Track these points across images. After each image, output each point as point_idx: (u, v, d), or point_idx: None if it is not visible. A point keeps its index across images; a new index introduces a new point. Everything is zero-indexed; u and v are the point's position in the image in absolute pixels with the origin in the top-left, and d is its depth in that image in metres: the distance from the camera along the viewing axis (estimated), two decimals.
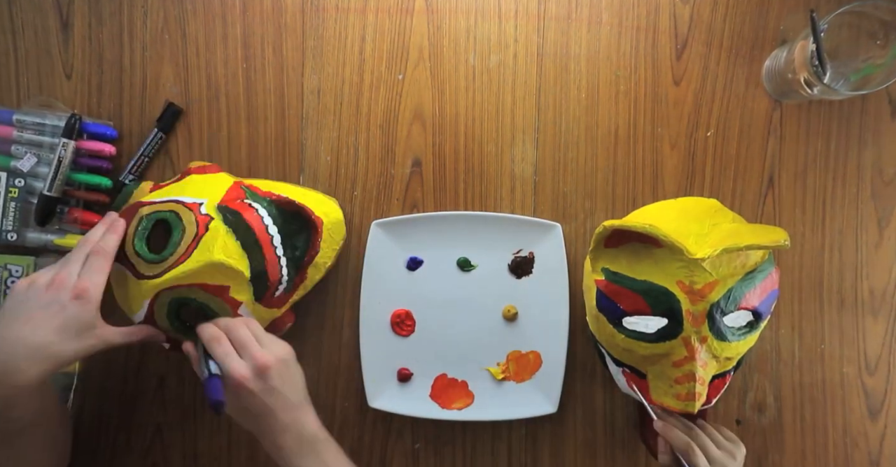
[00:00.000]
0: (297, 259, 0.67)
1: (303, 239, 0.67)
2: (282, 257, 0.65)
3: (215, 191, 0.65)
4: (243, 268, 0.61)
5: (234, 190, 0.66)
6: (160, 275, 0.59)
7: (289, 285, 0.67)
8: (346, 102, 0.74)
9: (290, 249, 0.66)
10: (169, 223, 0.61)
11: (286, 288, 0.66)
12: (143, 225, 0.62)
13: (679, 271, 0.60)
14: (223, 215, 0.62)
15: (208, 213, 0.62)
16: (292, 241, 0.67)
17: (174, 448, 0.75)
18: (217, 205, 0.63)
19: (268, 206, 0.65)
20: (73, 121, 0.69)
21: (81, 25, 0.73)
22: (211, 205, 0.63)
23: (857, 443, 0.74)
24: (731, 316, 0.60)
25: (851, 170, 0.74)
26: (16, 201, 0.69)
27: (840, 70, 0.68)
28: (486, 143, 0.74)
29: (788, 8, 0.73)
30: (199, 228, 0.60)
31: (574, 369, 0.74)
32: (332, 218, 0.69)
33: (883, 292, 0.74)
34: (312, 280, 0.69)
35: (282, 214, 0.66)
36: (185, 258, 0.59)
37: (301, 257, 0.67)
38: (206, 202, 0.63)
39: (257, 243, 0.62)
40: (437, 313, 0.74)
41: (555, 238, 0.72)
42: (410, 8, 0.74)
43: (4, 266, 0.69)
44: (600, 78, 0.74)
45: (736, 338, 0.61)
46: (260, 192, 0.67)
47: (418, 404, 0.73)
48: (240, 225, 0.62)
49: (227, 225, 0.62)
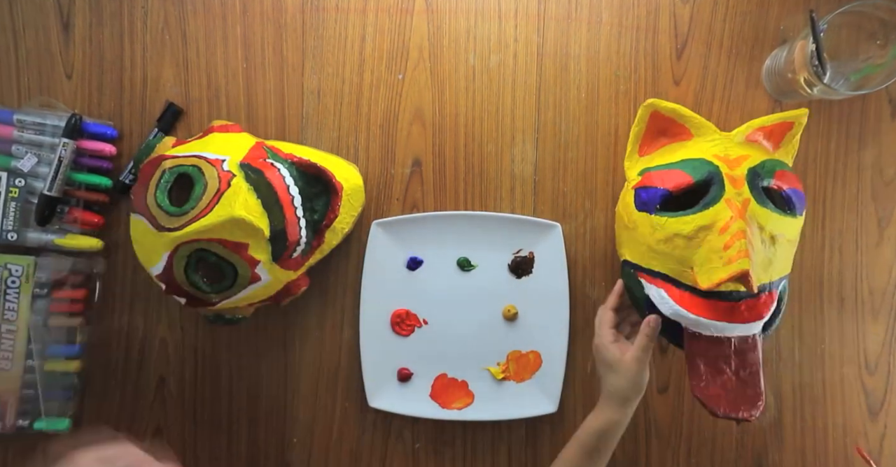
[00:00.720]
0: (315, 222, 0.67)
1: (322, 202, 0.67)
2: (301, 218, 0.65)
3: (238, 149, 0.65)
4: (263, 225, 0.61)
5: (256, 149, 0.66)
6: (181, 228, 0.59)
7: (306, 247, 0.67)
8: (346, 102, 0.74)
9: (310, 212, 0.67)
10: (191, 177, 0.61)
11: (303, 250, 0.67)
12: (166, 178, 0.62)
13: (714, 147, 0.66)
14: (245, 173, 0.62)
15: (230, 170, 0.62)
16: (312, 204, 0.67)
17: (174, 448, 0.74)
18: (239, 162, 0.63)
19: (289, 167, 0.66)
20: (74, 121, 0.69)
21: (82, 25, 0.73)
22: (233, 163, 0.63)
23: (857, 443, 0.74)
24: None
25: (851, 170, 0.74)
26: (16, 201, 0.69)
27: (840, 70, 0.68)
28: (486, 143, 0.75)
29: (788, 8, 0.73)
30: (222, 184, 0.60)
31: (574, 369, 0.74)
32: (353, 183, 0.69)
33: (883, 292, 0.74)
34: (329, 244, 0.69)
35: (303, 176, 0.66)
36: (206, 212, 0.59)
37: (320, 220, 0.67)
38: (228, 159, 0.63)
39: (278, 202, 0.63)
40: (437, 313, 0.74)
41: (555, 238, 0.72)
42: (410, 8, 0.74)
43: (5, 266, 0.69)
44: (600, 78, 0.74)
45: (774, 210, 0.61)
46: (282, 154, 0.67)
47: (418, 404, 0.73)
48: (261, 183, 0.62)
49: (248, 182, 0.62)
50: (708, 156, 0.64)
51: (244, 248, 0.61)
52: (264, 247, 0.63)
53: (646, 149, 0.71)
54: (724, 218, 0.59)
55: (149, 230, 0.62)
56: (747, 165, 0.63)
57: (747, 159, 0.63)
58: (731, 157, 0.64)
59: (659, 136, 0.70)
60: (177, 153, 0.64)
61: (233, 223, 0.59)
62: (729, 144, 0.66)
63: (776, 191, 0.63)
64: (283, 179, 0.64)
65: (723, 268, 0.58)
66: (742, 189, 0.61)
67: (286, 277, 0.67)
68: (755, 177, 0.62)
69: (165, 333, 0.75)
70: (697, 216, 0.61)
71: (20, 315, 0.69)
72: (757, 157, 0.64)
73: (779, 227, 0.61)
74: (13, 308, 0.69)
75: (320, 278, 0.74)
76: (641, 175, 0.67)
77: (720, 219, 0.60)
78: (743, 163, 0.63)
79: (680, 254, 0.62)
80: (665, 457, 0.74)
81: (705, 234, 0.60)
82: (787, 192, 0.63)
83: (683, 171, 0.64)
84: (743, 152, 0.65)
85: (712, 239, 0.60)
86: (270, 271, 0.64)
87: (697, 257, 0.61)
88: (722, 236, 0.59)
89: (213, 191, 0.60)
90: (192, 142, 0.67)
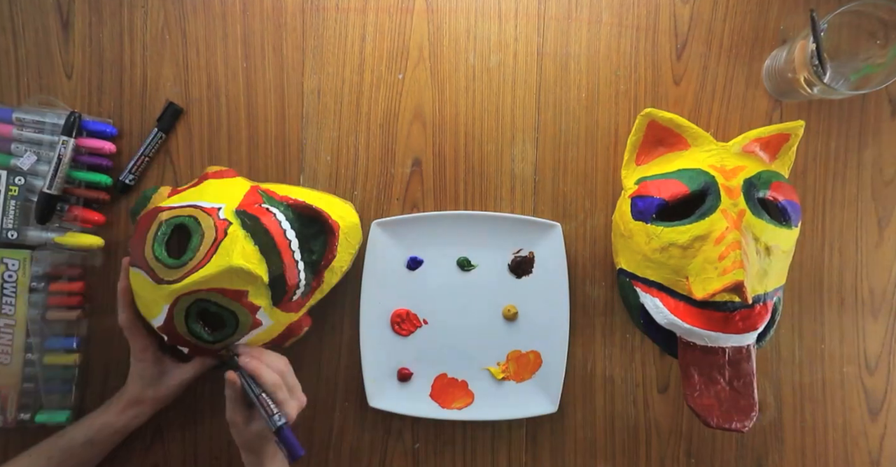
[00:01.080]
0: (314, 263, 0.67)
1: (319, 243, 0.67)
2: (299, 262, 0.64)
3: (233, 196, 0.65)
4: (262, 272, 0.61)
5: (251, 194, 0.66)
6: (180, 281, 0.59)
7: (306, 289, 0.67)
8: (346, 102, 0.74)
9: (307, 253, 0.66)
10: (188, 228, 0.61)
11: (303, 292, 0.66)
12: (163, 230, 0.62)
13: (710, 158, 0.66)
14: (241, 220, 0.62)
15: (226, 218, 0.62)
16: (309, 245, 0.66)
17: (174, 448, 0.74)
18: (235, 209, 0.63)
19: (284, 210, 0.65)
20: (73, 119, 0.69)
21: (82, 25, 0.73)
22: (229, 210, 0.63)
23: (857, 443, 0.74)
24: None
25: (851, 169, 0.74)
26: (16, 199, 0.69)
27: (840, 69, 0.68)
28: (486, 143, 0.75)
29: (788, 8, 0.73)
30: (218, 233, 0.60)
31: (574, 369, 0.74)
32: (349, 221, 0.69)
33: (883, 292, 0.74)
34: (329, 284, 0.69)
35: (299, 218, 0.66)
36: (204, 263, 0.59)
37: (318, 261, 0.67)
38: (224, 207, 0.63)
39: (275, 248, 0.62)
40: (437, 313, 0.74)
41: (555, 237, 0.72)
42: (410, 8, 0.74)
43: (1, 260, 0.69)
44: (600, 78, 0.74)
45: (770, 221, 0.61)
46: (276, 197, 0.67)
47: (418, 404, 0.73)
48: (258, 229, 0.62)
49: (245, 230, 0.61)
50: (704, 166, 0.64)
51: (244, 295, 0.61)
52: (264, 293, 0.62)
53: (643, 158, 0.71)
54: (720, 228, 0.60)
55: (148, 283, 0.61)
56: (743, 176, 0.63)
57: (743, 170, 0.64)
58: (728, 168, 0.64)
59: (656, 145, 0.70)
60: (172, 204, 0.64)
61: (231, 272, 0.59)
62: (725, 155, 0.66)
63: (772, 202, 0.64)
64: (279, 224, 0.63)
65: (717, 279, 0.58)
66: (738, 200, 0.61)
67: (287, 319, 0.67)
68: (751, 187, 0.62)
69: None
70: (693, 226, 0.61)
71: (18, 309, 0.70)
72: (753, 168, 0.64)
73: (774, 239, 0.61)
74: (10, 302, 0.69)
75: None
76: (638, 184, 0.67)
77: (716, 229, 0.60)
78: (739, 173, 0.63)
79: (675, 263, 0.62)
80: (665, 457, 0.74)
81: (701, 244, 0.61)
82: (782, 204, 0.63)
83: (680, 181, 0.64)
84: (739, 163, 0.65)
85: (707, 249, 0.60)
86: (271, 315, 0.64)
87: (692, 267, 0.61)
88: (717, 246, 0.59)
89: (210, 241, 0.60)
90: (187, 191, 0.67)
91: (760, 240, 0.61)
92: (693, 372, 0.63)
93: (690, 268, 0.61)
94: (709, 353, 0.62)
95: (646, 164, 0.70)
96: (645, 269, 0.66)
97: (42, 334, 0.70)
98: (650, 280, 0.65)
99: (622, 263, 0.69)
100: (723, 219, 0.60)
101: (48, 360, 0.71)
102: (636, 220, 0.65)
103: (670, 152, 0.69)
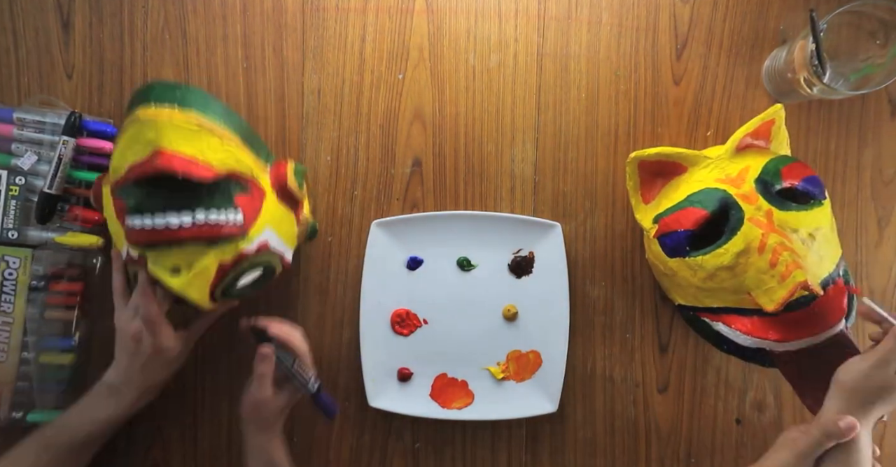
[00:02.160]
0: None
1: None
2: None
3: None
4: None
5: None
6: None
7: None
8: (346, 102, 0.74)
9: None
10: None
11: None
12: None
13: (711, 173, 0.64)
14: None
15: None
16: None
17: (174, 448, 0.74)
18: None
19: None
20: (74, 119, 0.69)
21: (82, 25, 0.74)
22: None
23: None
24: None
25: (851, 169, 0.74)
26: (16, 199, 0.69)
27: (840, 70, 0.68)
28: (486, 143, 0.75)
29: (788, 8, 0.73)
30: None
31: (574, 369, 0.74)
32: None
33: (883, 292, 0.74)
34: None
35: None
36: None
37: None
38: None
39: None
40: (437, 313, 0.74)
41: (555, 237, 0.72)
42: (410, 8, 0.74)
43: (2, 257, 0.69)
44: (600, 78, 0.74)
45: (798, 208, 0.60)
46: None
47: (418, 404, 0.73)
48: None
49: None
50: (711, 183, 0.63)
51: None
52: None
53: (649, 196, 0.69)
54: (756, 237, 0.58)
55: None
56: (751, 178, 0.61)
57: (748, 171, 0.62)
58: (733, 175, 0.62)
59: (655, 179, 0.68)
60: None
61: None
62: (724, 164, 0.64)
63: (791, 188, 0.62)
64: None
65: (780, 286, 0.56)
66: (759, 203, 0.60)
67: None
68: (765, 185, 0.61)
69: None
70: (729, 244, 0.59)
71: (16, 307, 0.70)
72: (757, 165, 0.62)
73: (811, 222, 0.60)
74: (10, 300, 0.69)
75: (319, 278, 0.74)
76: (657, 222, 0.65)
77: (753, 239, 0.58)
78: (746, 176, 0.62)
79: (730, 284, 0.61)
80: (665, 457, 0.74)
81: (746, 259, 0.59)
82: (801, 186, 0.61)
83: (694, 207, 0.62)
84: (741, 166, 0.63)
85: (755, 261, 0.58)
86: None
87: (749, 282, 0.59)
88: (764, 255, 0.58)
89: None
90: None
91: (800, 230, 0.59)
92: (804, 379, 0.61)
93: (748, 284, 0.59)
94: (806, 355, 0.61)
95: (654, 201, 0.68)
96: (704, 300, 0.64)
97: (39, 333, 0.70)
98: (714, 307, 0.63)
99: (679, 300, 0.67)
100: (754, 227, 0.58)
101: (43, 359, 0.70)
102: (673, 258, 0.64)
103: (671, 180, 0.67)
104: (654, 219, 0.66)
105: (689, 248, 0.62)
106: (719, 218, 0.61)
